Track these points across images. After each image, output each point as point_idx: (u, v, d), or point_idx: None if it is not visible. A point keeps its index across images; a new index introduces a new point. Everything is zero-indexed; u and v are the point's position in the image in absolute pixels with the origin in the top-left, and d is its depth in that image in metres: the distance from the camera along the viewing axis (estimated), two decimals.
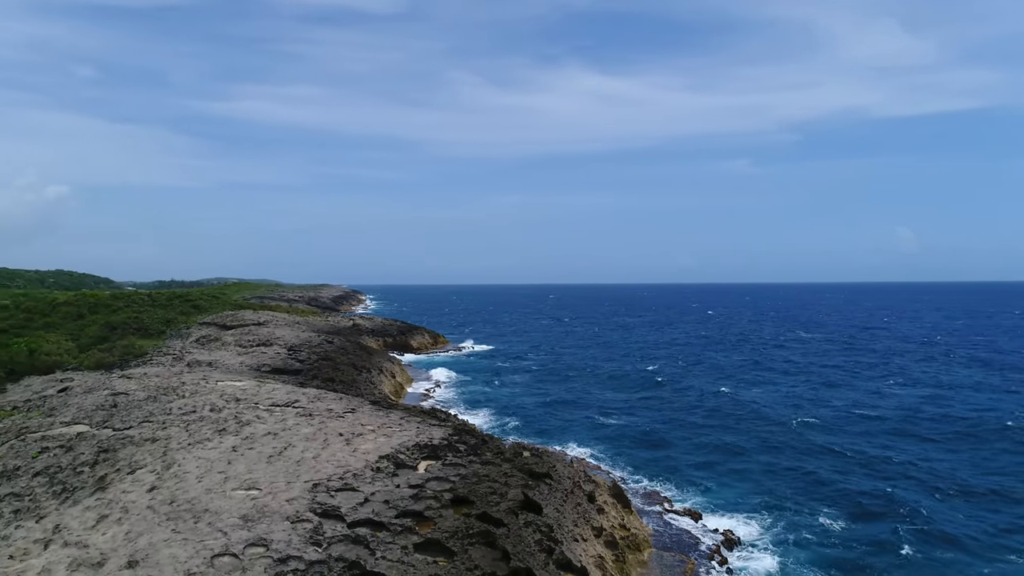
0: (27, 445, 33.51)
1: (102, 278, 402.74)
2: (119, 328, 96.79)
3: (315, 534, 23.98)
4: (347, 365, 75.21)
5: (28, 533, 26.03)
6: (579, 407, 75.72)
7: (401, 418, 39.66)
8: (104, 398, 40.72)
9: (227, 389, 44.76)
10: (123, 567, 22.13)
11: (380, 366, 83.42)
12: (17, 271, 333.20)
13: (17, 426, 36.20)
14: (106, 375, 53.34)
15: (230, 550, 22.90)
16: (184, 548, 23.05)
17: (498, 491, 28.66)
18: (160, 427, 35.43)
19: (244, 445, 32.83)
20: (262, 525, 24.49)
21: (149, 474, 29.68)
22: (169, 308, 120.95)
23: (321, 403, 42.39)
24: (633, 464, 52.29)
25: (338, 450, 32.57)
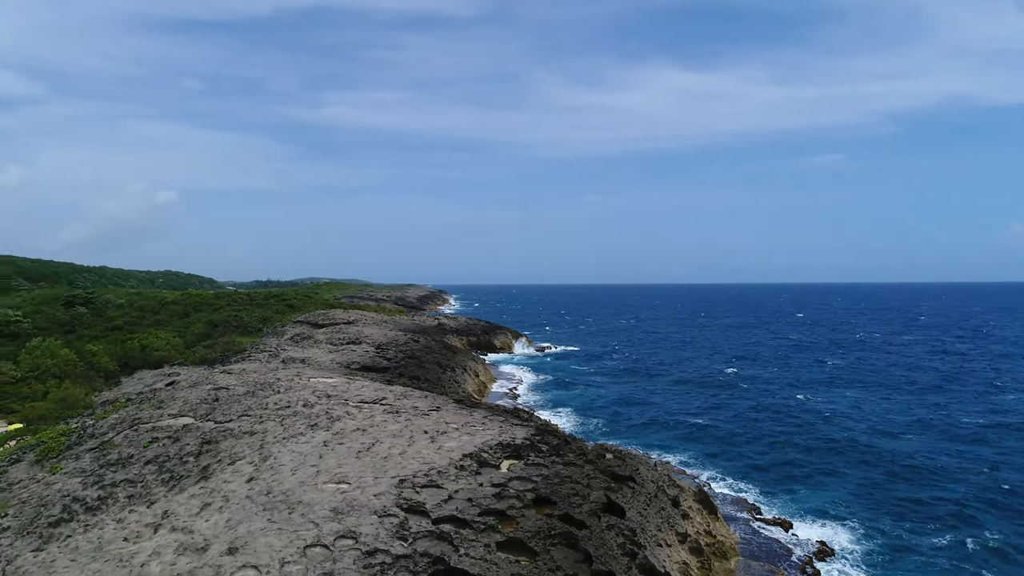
0: (139, 435, 35.95)
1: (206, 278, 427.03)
2: (220, 326, 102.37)
3: (401, 529, 24.63)
4: (432, 363, 76.75)
5: (140, 517, 27.94)
6: (662, 409, 74.48)
7: (484, 417, 40.15)
8: (207, 392, 43.15)
9: (319, 385, 46.54)
10: (224, 553, 23.43)
11: (464, 365, 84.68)
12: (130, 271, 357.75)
13: (131, 417, 38.87)
14: (209, 370, 56.49)
15: (321, 541, 23.85)
16: (279, 537, 24.18)
17: (580, 492, 28.59)
18: (257, 421, 37.23)
19: (335, 440, 34.07)
20: (351, 518, 25.36)
21: (247, 465, 31.25)
22: (266, 307, 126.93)
23: (407, 401, 43.44)
24: (719, 469, 51.00)
25: (423, 447, 33.32)
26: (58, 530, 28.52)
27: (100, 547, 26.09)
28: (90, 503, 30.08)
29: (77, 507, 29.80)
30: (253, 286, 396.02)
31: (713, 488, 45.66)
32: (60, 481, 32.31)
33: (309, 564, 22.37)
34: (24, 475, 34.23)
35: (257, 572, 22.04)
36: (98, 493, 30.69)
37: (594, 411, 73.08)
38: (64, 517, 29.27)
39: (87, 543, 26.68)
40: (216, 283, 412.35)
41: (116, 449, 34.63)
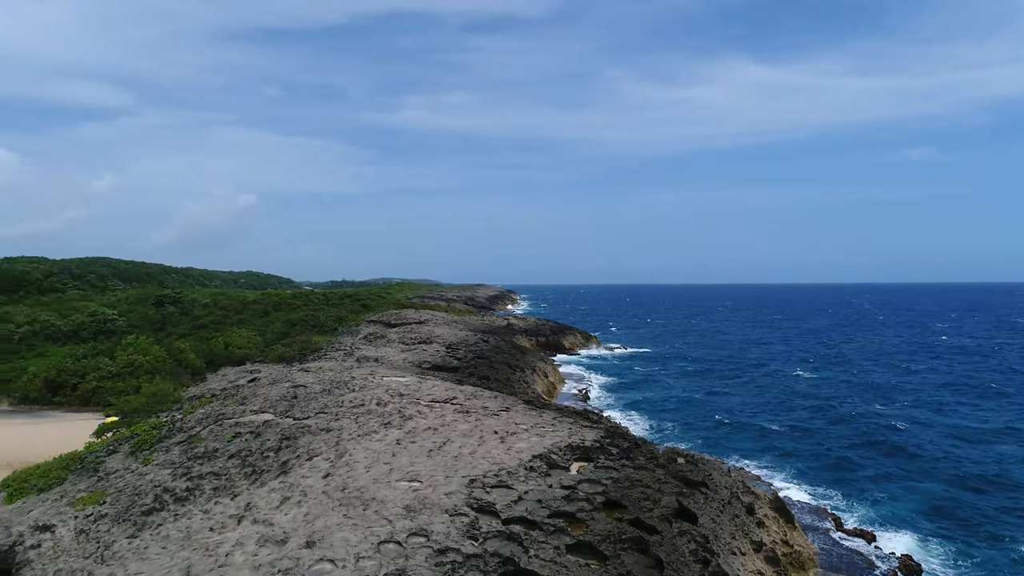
0: (224, 430, 37.62)
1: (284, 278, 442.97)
2: (298, 325, 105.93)
3: (472, 528, 24.91)
4: (502, 364, 77.26)
5: (225, 509, 29.23)
6: (736, 413, 72.66)
7: (554, 418, 40.15)
8: (286, 390, 44.74)
9: (392, 384, 47.57)
10: (302, 546, 24.26)
11: (533, 365, 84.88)
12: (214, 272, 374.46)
13: (216, 412, 40.72)
14: (287, 368, 58.54)
15: (394, 538, 24.39)
16: (354, 532, 24.86)
17: (651, 497, 28.23)
18: (333, 418, 38.36)
19: (407, 439, 34.75)
20: (423, 516, 25.82)
21: (324, 462, 32.25)
22: (341, 307, 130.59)
23: (477, 400, 43.88)
24: (796, 476, 49.39)
25: (493, 447, 33.59)
26: (150, 518, 30.15)
27: (188, 536, 27.44)
28: (179, 494, 31.67)
29: (167, 497, 31.42)
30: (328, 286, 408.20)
31: (790, 496, 44.24)
32: (152, 472, 34.14)
33: (383, 560, 22.90)
34: (120, 465, 36.34)
35: (333, 566, 22.71)
36: (186, 484, 32.28)
37: (664, 413, 72.00)
38: (156, 506, 30.92)
39: (176, 532, 28.10)
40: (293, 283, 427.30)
41: (202, 443, 36.33)
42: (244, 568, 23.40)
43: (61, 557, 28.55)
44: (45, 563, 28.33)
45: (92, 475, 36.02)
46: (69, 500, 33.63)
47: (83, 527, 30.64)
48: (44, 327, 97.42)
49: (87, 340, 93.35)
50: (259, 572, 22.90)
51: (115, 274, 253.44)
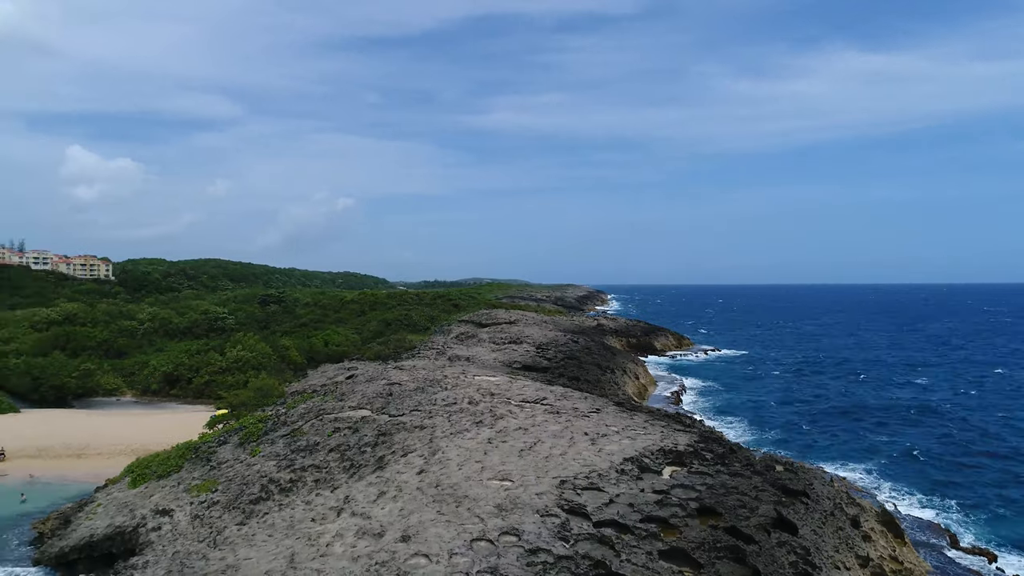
0: (324, 424, 39.20)
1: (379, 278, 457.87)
2: (393, 324, 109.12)
3: (563, 529, 24.90)
4: (592, 365, 76.82)
5: (325, 501, 30.46)
6: (839, 419, 69.26)
7: (645, 421, 39.55)
8: (382, 387, 46.12)
9: (483, 383, 48.19)
10: (398, 540, 24.97)
11: (624, 367, 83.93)
12: (315, 272, 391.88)
13: (317, 408, 42.48)
14: (383, 365, 60.34)
15: (486, 536, 24.70)
16: (447, 529, 25.36)
17: (748, 505, 27.33)
18: (427, 416, 39.24)
19: (498, 438, 35.10)
20: (514, 515, 26.02)
21: (418, 458, 33.05)
22: (433, 306, 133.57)
23: (568, 401, 43.81)
24: (906, 489, 46.57)
25: (584, 449, 33.44)
26: (257, 507, 31.83)
27: (292, 525, 28.79)
28: (283, 484, 33.26)
29: (273, 488, 33.06)
30: (421, 286, 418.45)
31: (898, 509, 41.76)
32: (259, 463, 36.02)
33: (475, 557, 23.24)
34: (230, 456, 38.54)
35: (427, 560, 23.24)
36: (290, 476, 33.86)
37: (762, 419, 69.54)
38: (262, 496, 32.60)
39: (281, 521, 29.54)
40: (388, 283, 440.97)
41: (304, 436, 38.01)
42: (343, 559, 24.32)
43: (178, 540, 30.57)
44: (165, 545, 30.41)
45: (205, 464, 38.38)
46: (185, 487, 35.96)
47: (198, 512, 32.69)
48: (163, 324, 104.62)
49: (200, 336, 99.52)
50: (357, 563, 23.74)
51: (225, 274, 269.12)
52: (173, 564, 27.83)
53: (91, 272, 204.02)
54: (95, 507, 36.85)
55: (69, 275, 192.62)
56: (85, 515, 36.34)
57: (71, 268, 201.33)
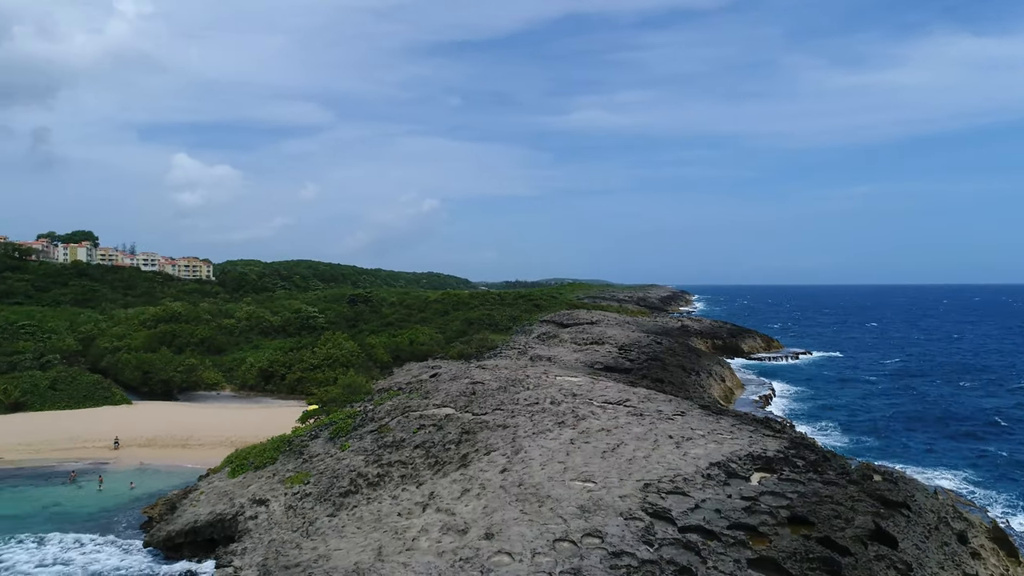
0: (409, 421, 40.12)
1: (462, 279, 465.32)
2: (475, 323, 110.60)
3: (647, 533, 24.55)
4: (676, 366, 75.40)
5: (411, 496, 31.17)
6: (942, 427, 65.25)
7: (732, 425, 38.48)
8: (465, 386, 46.77)
9: (564, 384, 48.11)
10: (481, 537, 25.27)
11: (709, 369, 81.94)
12: (400, 273, 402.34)
13: (402, 405, 43.52)
14: (466, 364, 61.19)
15: (569, 536, 24.65)
16: (530, 528, 25.46)
17: (843, 515, 26.14)
18: (509, 415, 39.53)
19: (580, 439, 34.97)
20: (597, 517, 25.85)
21: (501, 457, 33.34)
22: (515, 306, 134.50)
23: (651, 404, 43.15)
24: (1018, 503, 43.38)
25: (668, 452, 32.86)
26: (347, 500, 32.93)
27: (379, 519, 29.62)
28: (371, 479, 34.27)
29: (361, 482, 34.12)
30: (502, 286, 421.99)
31: (1011, 525, 38.95)
32: (348, 457, 37.24)
33: (558, 557, 23.24)
34: (321, 450, 40.03)
35: (510, 559, 23.42)
36: (377, 471, 34.85)
37: (857, 425, 66.37)
38: (351, 489, 33.70)
39: (369, 514, 30.44)
40: (470, 283, 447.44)
41: (391, 433, 39.02)
42: (429, 553, 24.82)
43: (274, 529, 32.00)
44: (261, 533, 31.89)
45: (298, 457, 40.02)
46: (280, 478, 37.61)
47: (291, 503, 34.13)
48: (258, 322, 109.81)
49: (293, 335, 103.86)
50: (442, 559, 24.17)
51: (315, 274, 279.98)
52: (269, 551, 29.14)
53: (194, 273, 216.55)
54: (198, 495, 39.05)
55: (174, 276, 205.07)
56: (189, 502, 38.57)
57: (176, 269, 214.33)
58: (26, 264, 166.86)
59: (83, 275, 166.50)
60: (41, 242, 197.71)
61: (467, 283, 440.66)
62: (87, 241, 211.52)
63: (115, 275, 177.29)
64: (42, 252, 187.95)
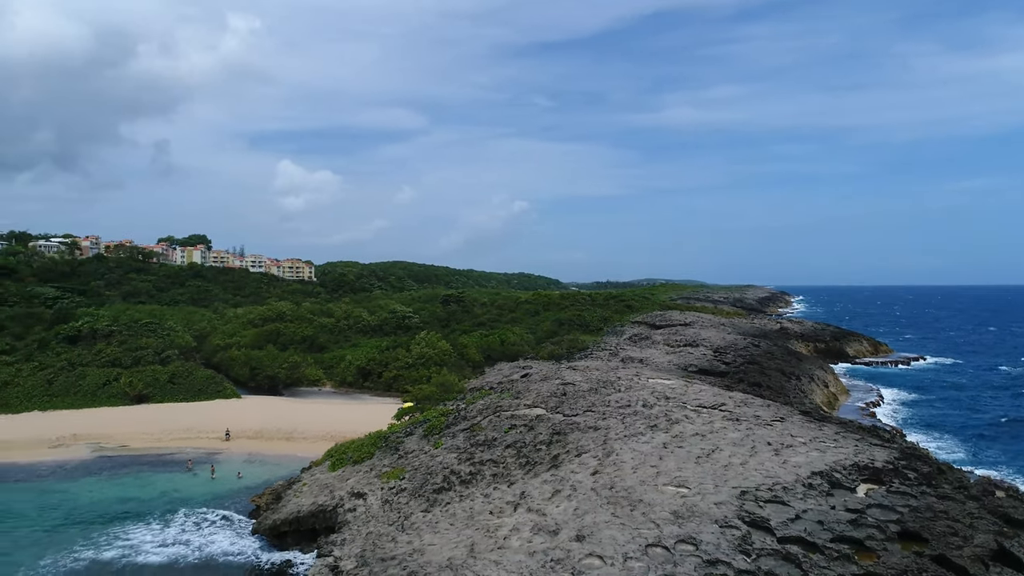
0: (501, 421, 40.54)
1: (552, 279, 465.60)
2: (566, 324, 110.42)
3: (743, 543, 23.79)
4: (774, 370, 72.66)
5: (502, 495, 31.49)
6: None
7: (836, 433, 36.70)
8: (556, 387, 46.81)
9: (657, 386, 47.31)
10: (572, 539, 25.21)
11: (811, 373, 78.48)
12: (491, 274, 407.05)
13: (494, 404, 44.03)
14: (556, 365, 61.24)
15: (662, 542, 24.22)
16: (622, 532, 25.19)
17: (960, 533, 24.42)
18: (600, 417, 39.25)
19: (674, 443, 34.29)
20: (691, 524, 25.27)
21: (592, 459, 33.15)
22: (605, 307, 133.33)
23: (748, 408, 41.78)
24: None
25: (766, 459, 31.72)
26: (440, 496, 33.64)
27: (471, 516, 30.09)
28: (464, 476, 34.87)
29: (454, 479, 34.77)
30: (593, 287, 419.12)
31: None
32: (441, 455, 38.04)
33: (650, 563, 22.88)
34: (415, 446, 41.08)
35: (602, 562, 23.25)
36: (469, 469, 35.42)
37: (976, 437, 61.83)
38: (444, 486, 34.40)
39: (462, 511, 30.97)
40: (560, 284, 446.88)
41: (483, 432, 39.56)
42: (520, 553, 25.00)
43: (371, 522, 33.10)
44: (359, 525, 33.06)
45: (394, 453, 41.24)
46: (377, 473, 38.87)
47: (387, 498, 35.20)
48: (356, 321, 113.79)
49: (389, 334, 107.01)
50: (533, 559, 24.29)
51: (410, 275, 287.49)
52: (367, 543, 30.17)
53: (297, 274, 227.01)
54: (301, 486, 40.92)
55: (279, 276, 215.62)
56: (293, 492, 40.48)
57: (281, 270, 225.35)
58: (149, 266, 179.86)
59: (198, 276, 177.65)
60: (161, 245, 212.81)
61: (557, 284, 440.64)
62: (202, 244, 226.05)
63: (226, 276, 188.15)
64: (162, 255, 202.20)
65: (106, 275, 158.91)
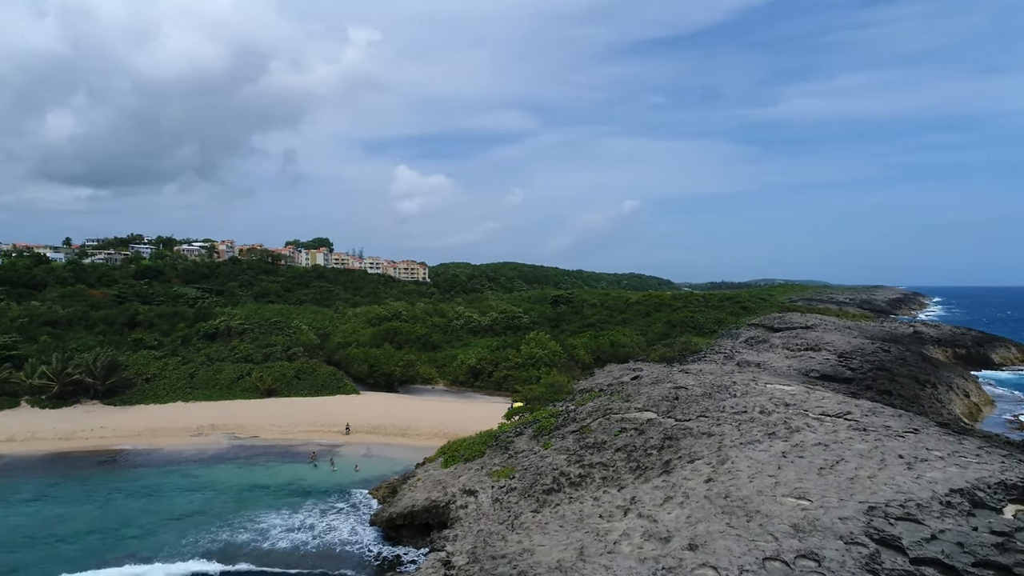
0: (611, 424, 40.13)
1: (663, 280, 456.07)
2: (678, 326, 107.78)
3: (871, 561, 22.31)
4: (907, 377, 67.74)
5: (612, 499, 31.16)
6: None
7: (979, 447, 33.71)
8: (667, 390, 45.79)
9: (775, 392, 45.26)
10: (685, 548, 24.55)
11: (949, 382, 72.54)
12: (601, 274, 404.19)
13: (604, 407, 43.65)
14: (668, 368, 59.90)
15: (781, 556, 23.12)
16: (737, 543, 24.27)
17: None
18: (714, 423, 38.02)
19: (794, 452, 32.69)
20: (813, 538, 23.98)
21: (705, 466, 32.17)
22: (720, 309, 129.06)
23: (876, 418, 39.16)
24: None
25: (897, 473, 29.60)
26: (549, 497, 33.73)
27: (581, 519, 29.96)
28: (573, 478, 34.78)
29: (563, 480, 34.76)
30: (706, 288, 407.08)
31: None
32: (551, 456, 38.13)
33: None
34: (525, 446, 41.39)
35: (716, 573, 22.50)
36: (579, 471, 35.29)
37: None
38: (554, 487, 34.46)
39: (571, 513, 30.91)
40: (672, 284, 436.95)
41: (592, 434, 39.30)
42: (630, 558, 24.63)
43: (481, 520, 33.67)
44: (470, 522, 33.72)
45: (504, 452, 41.74)
46: (487, 471, 39.49)
47: (498, 496, 35.68)
48: (468, 321, 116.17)
49: (499, 334, 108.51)
50: (644, 565, 23.86)
51: (520, 276, 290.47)
52: (478, 540, 30.72)
53: (412, 275, 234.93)
54: (415, 481, 42.25)
55: (395, 277, 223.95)
56: (408, 487, 41.87)
57: (397, 271, 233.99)
58: (277, 268, 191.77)
59: (321, 277, 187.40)
60: (288, 248, 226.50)
61: (669, 284, 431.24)
62: (324, 247, 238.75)
63: (346, 277, 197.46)
64: (289, 257, 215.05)
65: (239, 276, 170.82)
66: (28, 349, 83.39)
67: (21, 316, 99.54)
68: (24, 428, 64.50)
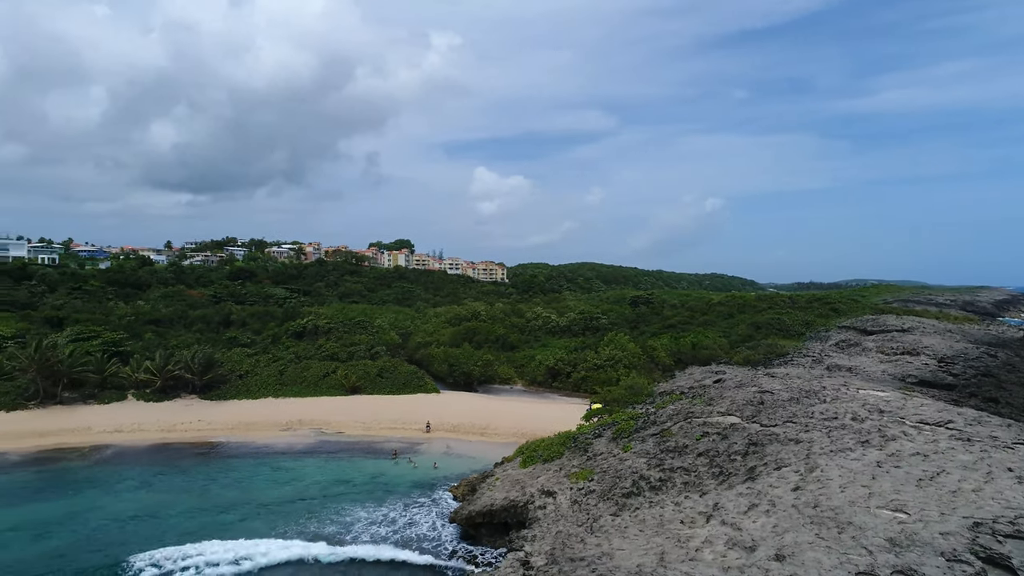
0: (692, 428, 39.24)
1: (747, 280, 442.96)
2: (763, 328, 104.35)
3: None
4: (1016, 384, 63.23)
5: (694, 505, 30.45)
6: None
7: None
8: (752, 394, 44.37)
9: (868, 399, 43.11)
10: (771, 558, 23.70)
11: None
12: (681, 274, 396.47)
13: (685, 410, 42.74)
14: (752, 371, 58.07)
15: (875, 571, 21.98)
16: (828, 556, 23.23)
17: None
18: (803, 429, 36.57)
19: (889, 462, 31.04)
20: (911, 554, 22.69)
21: (793, 474, 30.97)
22: (808, 310, 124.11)
23: (982, 428, 36.70)
24: None
25: (1006, 487, 27.63)
26: (629, 501, 33.29)
27: (661, 524, 29.42)
28: (653, 483, 34.22)
29: (643, 484, 34.24)
30: (793, 288, 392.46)
31: None
32: (630, 459, 37.63)
33: None
34: (604, 449, 41.02)
35: None
36: (659, 475, 34.68)
37: None
38: (633, 491, 33.99)
39: (651, 518, 30.40)
40: (756, 285, 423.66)
41: (673, 438, 38.55)
42: (713, 567, 23.99)
43: (560, 521, 33.60)
44: (549, 523, 33.70)
45: (583, 454, 41.50)
46: (566, 473, 39.37)
47: (576, 498, 35.51)
48: (546, 322, 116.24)
49: (577, 335, 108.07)
50: (727, 574, 23.19)
51: (598, 276, 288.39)
52: (556, 542, 30.67)
53: (490, 275, 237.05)
54: (494, 480, 42.58)
55: (474, 278, 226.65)
56: (487, 486, 42.24)
57: (476, 272, 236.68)
58: (360, 269, 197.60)
59: (402, 278, 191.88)
60: (371, 250, 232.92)
61: (753, 285, 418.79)
62: (406, 248, 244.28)
63: (427, 278, 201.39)
64: (372, 258, 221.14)
65: (325, 277, 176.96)
66: (134, 346, 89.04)
67: (128, 315, 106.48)
68: (130, 420, 68.91)
